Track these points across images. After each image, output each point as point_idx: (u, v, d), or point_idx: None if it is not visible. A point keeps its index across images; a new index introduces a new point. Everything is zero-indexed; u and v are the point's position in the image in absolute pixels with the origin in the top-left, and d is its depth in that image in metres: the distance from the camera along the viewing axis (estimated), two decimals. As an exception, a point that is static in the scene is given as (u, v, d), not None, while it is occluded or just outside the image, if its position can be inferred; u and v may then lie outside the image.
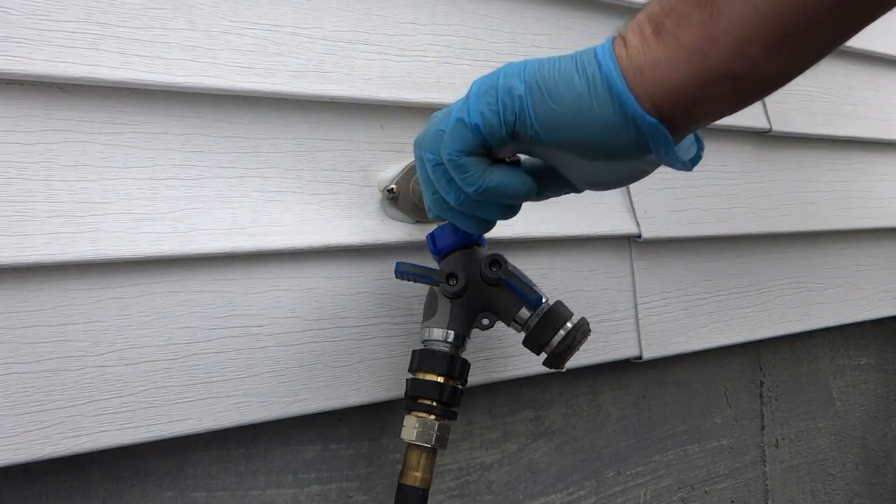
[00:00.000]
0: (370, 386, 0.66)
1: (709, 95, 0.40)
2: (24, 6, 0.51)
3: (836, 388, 1.17)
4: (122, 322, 0.56)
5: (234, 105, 0.60)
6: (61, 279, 0.54)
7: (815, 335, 1.12)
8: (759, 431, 1.06)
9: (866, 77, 1.09)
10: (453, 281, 0.59)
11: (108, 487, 0.60)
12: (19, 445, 0.52)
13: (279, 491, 0.67)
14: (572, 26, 0.79)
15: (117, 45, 0.54)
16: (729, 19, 0.37)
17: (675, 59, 0.39)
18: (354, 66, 0.65)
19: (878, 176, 1.13)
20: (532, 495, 0.83)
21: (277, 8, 0.61)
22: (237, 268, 0.60)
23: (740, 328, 0.95)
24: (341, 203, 0.65)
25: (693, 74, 0.39)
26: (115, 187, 0.55)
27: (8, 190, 0.52)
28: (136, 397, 0.56)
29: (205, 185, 0.59)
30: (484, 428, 0.79)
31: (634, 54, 0.41)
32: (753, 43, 0.37)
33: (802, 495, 1.11)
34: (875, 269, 1.13)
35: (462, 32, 0.71)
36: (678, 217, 0.87)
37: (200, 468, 0.64)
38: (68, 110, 0.54)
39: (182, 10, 0.57)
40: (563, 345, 0.57)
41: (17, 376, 0.52)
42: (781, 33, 0.37)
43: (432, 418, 0.57)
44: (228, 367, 0.60)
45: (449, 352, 0.59)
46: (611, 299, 0.82)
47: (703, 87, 0.40)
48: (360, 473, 0.72)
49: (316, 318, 0.64)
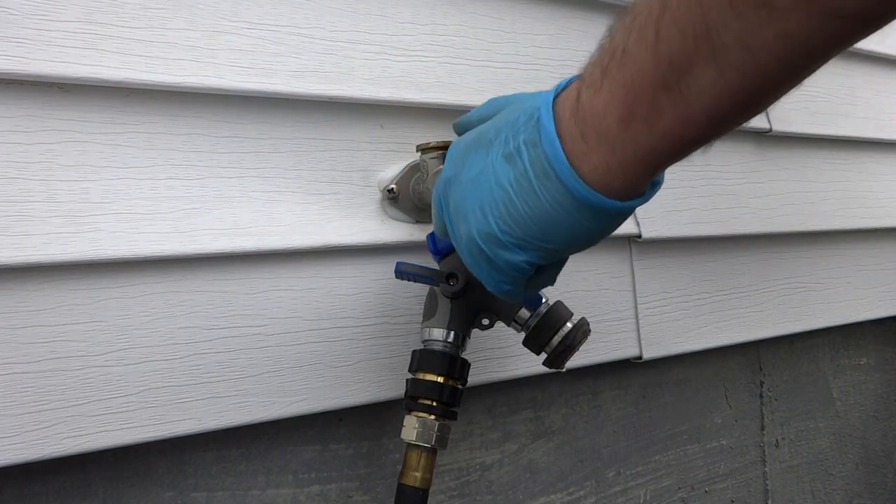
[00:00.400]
0: (370, 386, 0.66)
1: (683, 154, 0.40)
2: (24, 6, 0.51)
3: (836, 388, 1.17)
4: (122, 322, 0.56)
5: (234, 105, 0.60)
6: (61, 279, 0.54)
7: (815, 335, 1.12)
8: (759, 431, 1.06)
9: (866, 77, 1.09)
10: (453, 281, 0.59)
11: (108, 487, 0.60)
12: (19, 445, 0.52)
13: (279, 491, 0.67)
14: (572, 26, 0.79)
15: (117, 45, 0.54)
16: (699, 97, 0.36)
17: (650, 145, 0.38)
18: (354, 66, 0.65)
19: (878, 176, 1.13)
20: (532, 495, 0.83)
21: (277, 8, 0.61)
22: (237, 268, 0.60)
23: (740, 328, 0.95)
24: (341, 203, 0.65)
25: (667, 152, 0.39)
26: (115, 187, 0.55)
27: (8, 190, 0.52)
28: (137, 397, 0.56)
29: (205, 184, 0.59)
30: (484, 428, 0.79)
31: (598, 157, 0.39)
32: (728, 111, 0.37)
33: (802, 495, 1.11)
34: (875, 269, 1.13)
35: (462, 32, 0.71)
36: (678, 217, 0.87)
37: (200, 468, 0.64)
38: (68, 110, 0.54)
39: (182, 10, 0.57)
40: (563, 345, 0.57)
41: (17, 376, 0.52)
42: (754, 99, 0.36)
43: (432, 418, 0.57)
44: (229, 366, 0.60)
45: (449, 352, 0.59)
46: (611, 299, 0.82)
47: (679, 154, 0.39)
48: (360, 473, 0.72)
49: (316, 318, 0.64)
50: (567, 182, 0.40)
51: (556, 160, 0.40)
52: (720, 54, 0.34)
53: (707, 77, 0.35)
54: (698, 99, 0.36)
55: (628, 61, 0.37)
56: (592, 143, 0.39)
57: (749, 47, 0.33)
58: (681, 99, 0.36)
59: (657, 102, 0.37)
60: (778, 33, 0.32)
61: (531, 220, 0.42)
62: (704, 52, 0.34)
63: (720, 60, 0.34)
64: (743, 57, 0.33)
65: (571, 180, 0.40)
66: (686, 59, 0.35)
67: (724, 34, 0.33)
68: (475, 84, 0.71)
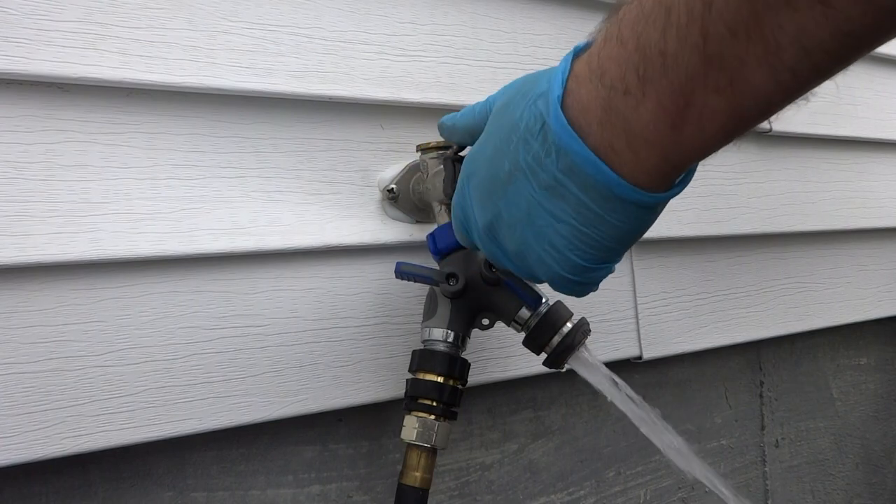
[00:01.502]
0: (370, 386, 0.66)
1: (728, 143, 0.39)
2: (23, 6, 0.51)
3: (836, 388, 1.17)
4: (122, 322, 0.56)
5: (234, 105, 0.60)
6: (62, 279, 0.54)
7: (815, 335, 1.12)
8: (759, 431, 1.06)
9: (866, 77, 1.09)
10: (453, 281, 0.59)
11: (108, 487, 0.60)
12: (19, 445, 0.52)
13: (279, 491, 0.67)
14: (572, 26, 0.79)
15: (117, 44, 0.54)
16: (752, 97, 0.35)
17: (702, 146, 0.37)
18: (354, 66, 0.65)
19: (878, 176, 1.13)
20: (532, 495, 0.83)
21: (277, 8, 0.61)
22: (238, 268, 0.60)
23: (740, 328, 0.95)
24: (341, 203, 0.65)
25: (717, 146, 0.38)
26: (116, 187, 0.55)
27: (8, 190, 0.52)
28: (137, 397, 0.56)
29: (205, 184, 0.59)
30: (484, 428, 0.79)
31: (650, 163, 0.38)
32: (779, 105, 0.36)
33: (802, 495, 1.11)
34: (875, 269, 1.13)
35: (462, 32, 0.71)
36: (678, 217, 0.87)
37: (200, 468, 0.64)
38: (68, 110, 0.54)
39: (182, 10, 0.57)
40: (563, 345, 0.57)
41: (18, 376, 0.52)
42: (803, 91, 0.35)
43: (432, 418, 0.57)
44: (229, 366, 0.60)
45: (449, 352, 0.59)
46: (611, 299, 0.82)
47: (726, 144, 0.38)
48: (360, 473, 0.72)
49: (316, 318, 0.64)
50: (631, 198, 0.39)
51: (613, 183, 0.39)
52: (774, 55, 0.33)
53: (759, 77, 0.34)
54: (751, 98, 0.35)
55: (673, 65, 0.35)
56: (642, 153, 0.38)
57: (804, 47, 0.32)
58: (733, 100, 0.35)
59: (709, 105, 0.35)
60: (834, 31, 0.31)
61: (606, 239, 0.41)
62: (759, 52, 0.33)
63: (773, 61, 0.33)
64: (798, 56, 0.32)
65: (635, 195, 0.39)
66: (738, 61, 0.34)
67: (778, 35, 0.32)
68: (475, 84, 0.71)
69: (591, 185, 0.39)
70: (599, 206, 0.40)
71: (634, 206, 0.39)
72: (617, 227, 0.40)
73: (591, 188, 0.39)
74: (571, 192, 0.40)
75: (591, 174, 0.39)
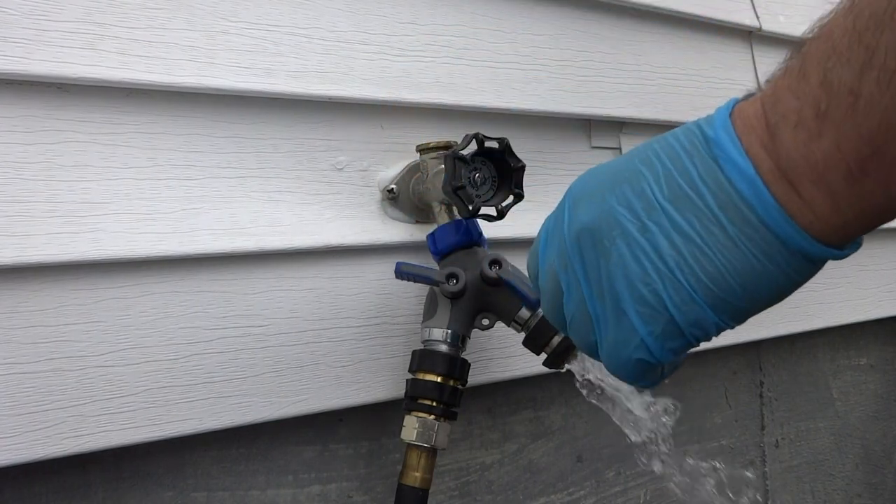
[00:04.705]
0: (370, 386, 0.66)
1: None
2: (23, 6, 0.51)
3: (836, 388, 1.17)
4: (122, 322, 0.56)
5: (233, 105, 0.60)
6: (62, 279, 0.54)
7: (815, 335, 1.12)
8: (759, 431, 1.06)
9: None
10: (453, 281, 0.59)
11: (108, 487, 0.60)
12: (20, 446, 0.52)
13: (279, 491, 0.67)
14: (571, 26, 0.79)
15: (116, 45, 0.54)
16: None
17: (880, 204, 0.32)
18: (354, 66, 0.65)
19: (878, 176, 1.13)
20: (532, 495, 0.83)
21: (276, 8, 0.61)
22: (238, 268, 0.60)
23: (740, 328, 0.94)
24: (341, 203, 0.65)
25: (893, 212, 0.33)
26: (115, 187, 0.55)
27: (8, 190, 0.52)
28: (137, 397, 0.56)
29: (205, 185, 0.59)
30: (484, 428, 0.79)
31: (818, 210, 0.33)
32: None
33: (802, 495, 1.11)
34: (876, 269, 1.13)
35: (462, 32, 0.71)
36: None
37: (200, 468, 0.64)
38: (68, 110, 0.54)
39: (181, 10, 0.57)
40: (563, 345, 0.57)
41: (18, 376, 0.52)
42: None
43: (432, 418, 0.57)
44: (229, 367, 0.60)
45: (449, 352, 0.59)
46: (611, 299, 0.82)
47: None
48: (360, 473, 0.72)
49: (316, 318, 0.64)
50: (780, 231, 0.34)
51: (766, 210, 0.34)
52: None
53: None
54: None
55: (865, 109, 0.31)
56: (807, 195, 0.33)
57: None
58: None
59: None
60: None
61: (729, 274, 0.36)
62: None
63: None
64: None
65: (788, 229, 0.34)
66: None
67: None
68: (475, 84, 0.71)
69: (736, 205, 0.34)
70: (736, 227, 0.35)
71: (780, 243, 0.34)
72: (747, 261, 0.35)
73: (733, 207, 0.35)
74: (706, 204, 0.35)
75: (748, 196, 0.34)
